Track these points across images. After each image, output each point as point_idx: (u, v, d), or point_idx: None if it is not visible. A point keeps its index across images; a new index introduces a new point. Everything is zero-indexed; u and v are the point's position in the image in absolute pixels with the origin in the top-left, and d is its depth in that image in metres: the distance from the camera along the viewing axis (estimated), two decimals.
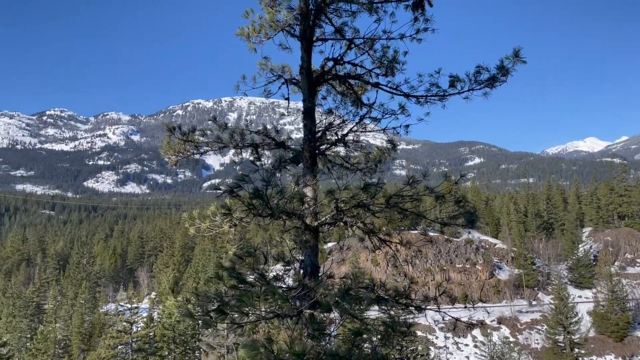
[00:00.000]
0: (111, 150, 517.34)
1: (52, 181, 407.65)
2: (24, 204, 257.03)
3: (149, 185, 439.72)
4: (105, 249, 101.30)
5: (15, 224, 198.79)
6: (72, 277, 75.24)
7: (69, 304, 56.00)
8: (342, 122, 8.82)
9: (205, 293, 7.97)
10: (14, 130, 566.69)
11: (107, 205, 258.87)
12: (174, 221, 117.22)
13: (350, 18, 8.70)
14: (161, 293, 61.07)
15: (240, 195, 6.80)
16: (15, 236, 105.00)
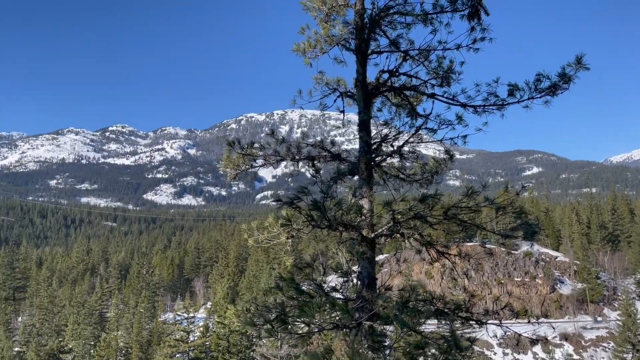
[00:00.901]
0: (169, 164, 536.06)
1: (114, 194, 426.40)
2: (88, 216, 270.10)
3: (204, 197, 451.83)
4: (164, 259, 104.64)
5: (80, 235, 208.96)
6: (133, 286, 78.11)
7: (130, 313, 58.15)
8: (397, 134, 8.82)
9: (264, 303, 8.12)
10: (80, 145, 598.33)
11: (165, 217, 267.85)
12: (228, 232, 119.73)
13: (405, 30, 8.73)
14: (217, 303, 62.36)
15: (299, 207, 6.93)
16: (80, 247, 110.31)
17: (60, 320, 61.74)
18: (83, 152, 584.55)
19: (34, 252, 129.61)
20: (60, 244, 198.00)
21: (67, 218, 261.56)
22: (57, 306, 66.38)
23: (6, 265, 77.94)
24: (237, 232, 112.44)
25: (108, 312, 67.16)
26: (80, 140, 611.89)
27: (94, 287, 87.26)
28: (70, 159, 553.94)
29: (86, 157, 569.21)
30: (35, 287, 78.55)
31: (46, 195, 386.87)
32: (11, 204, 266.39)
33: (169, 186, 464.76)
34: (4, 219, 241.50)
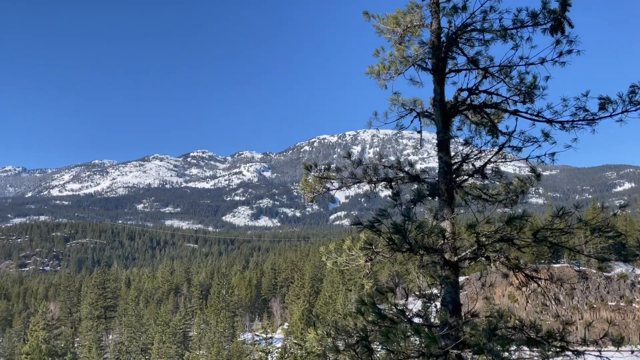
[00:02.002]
0: (246, 187, 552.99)
1: (195, 217, 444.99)
2: (172, 238, 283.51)
3: (279, 219, 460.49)
4: (242, 279, 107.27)
5: (165, 256, 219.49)
6: (214, 306, 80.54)
7: (211, 332, 59.92)
8: (479, 153, 8.55)
9: (344, 327, 8.05)
10: (164, 171, 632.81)
11: (243, 238, 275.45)
12: (303, 253, 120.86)
13: (484, 47, 8.52)
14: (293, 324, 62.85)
15: (380, 230, 6.86)
16: (164, 268, 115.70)
17: (147, 339, 64.71)
18: (167, 177, 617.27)
19: (123, 272, 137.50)
20: (147, 264, 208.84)
21: (153, 240, 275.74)
22: (144, 325, 69.70)
23: (98, 285, 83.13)
24: (312, 252, 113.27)
25: (191, 332, 69.56)
26: (165, 166, 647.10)
27: (178, 306, 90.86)
28: (155, 184, 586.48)
29: (170, 182, 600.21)
30: (124, 306, 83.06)
31: (134, 219, 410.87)
32: (103, 227, 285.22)
33: (246, 208, 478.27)
34: (97, 241, 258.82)
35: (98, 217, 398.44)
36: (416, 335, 5.80)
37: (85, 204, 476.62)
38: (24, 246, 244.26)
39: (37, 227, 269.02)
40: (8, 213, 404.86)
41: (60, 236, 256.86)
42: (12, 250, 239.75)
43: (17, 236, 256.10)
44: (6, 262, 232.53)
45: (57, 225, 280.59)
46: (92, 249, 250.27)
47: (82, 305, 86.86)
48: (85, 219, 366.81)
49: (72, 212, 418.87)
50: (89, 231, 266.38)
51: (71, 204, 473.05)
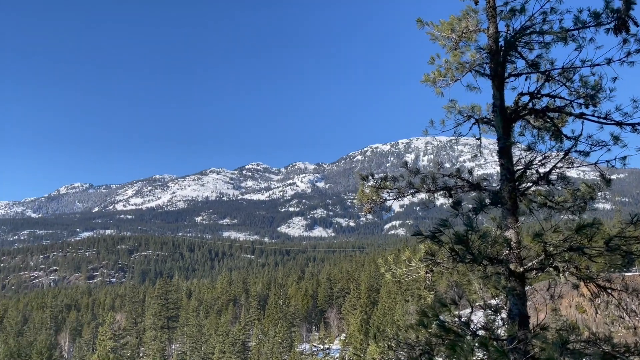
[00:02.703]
0: (300, 198, 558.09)
1: (251, 228, 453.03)
2: (229, 249, 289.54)
3: (334, 229, 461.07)
4: (298, 290, 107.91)
5: (223, 267, 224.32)
6: (271, 316, 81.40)
7: (270, 343, 60.57)
8: (543, 159, 8.25)
9: (406, 340, 7.92)
10: (221, 184, 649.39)
11: (298, 248, 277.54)
12: (358, 263, 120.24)
13: (544, 50, 8.25)
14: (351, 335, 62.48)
15: (441, 240, 6.73)
16: (223, 278, 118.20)
17: (208, 349, 66.18)
18: (224, 189, 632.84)
19: (184, 283, 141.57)
20: (206, 275, 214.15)
21: (212, 251, 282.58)
22: (205, 335, 71.36)
23: (161, 296, 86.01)
24: (368, 263, 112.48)
25: (250, 342, 70.58)
26: (221, 179, 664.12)
27: (237, 316, 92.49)
28: (213, 197, 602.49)
29: (226, 194, 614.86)
30: (186, 316, 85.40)
31: (193, 231, 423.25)
32: (164, 239, 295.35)
33: (301, 219, 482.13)
34: (159, 253, 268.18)
35: (159, 230, 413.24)
36: (483, 348, 5.62)
37: (147, 218, 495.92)
38: (92, 259, 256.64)
39: (104, 241, 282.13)
40: (77, 227, 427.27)
41: (125, 249, 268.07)
42: (81, 262, 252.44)
43: (85, 249, 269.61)
44: (76, 274, 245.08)
45: (122, 238, 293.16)
46: (154, 260, 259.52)
47: (146, 316, 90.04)
48: (148, 232, 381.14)
49: (135, 226, 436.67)
50: (151, 244, 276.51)
51: (134, 218, 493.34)
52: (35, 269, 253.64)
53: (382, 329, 50.94)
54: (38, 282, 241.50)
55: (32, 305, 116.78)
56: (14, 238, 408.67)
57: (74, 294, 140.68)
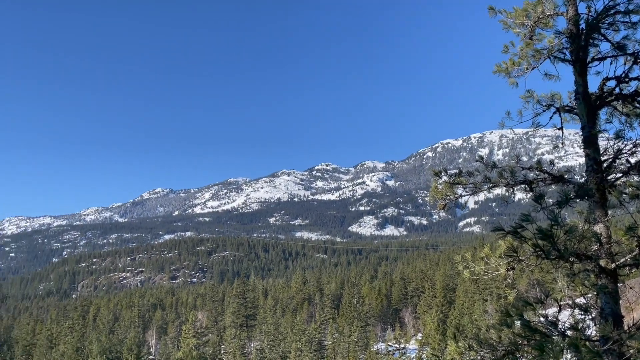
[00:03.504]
0: (370, 197, 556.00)
1: (323, 228, 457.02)
2: (302, 249, 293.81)
3: (405, 227, 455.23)
4: (371, 289, 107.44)
5: (297, 267, 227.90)
6: (346, 315, 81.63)
7: (345, 342, 60.79)
8: (633, 147, 7.67)
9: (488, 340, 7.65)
10: (292, 185, 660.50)
11: (370, 248, 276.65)
12: (432, 262, 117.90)
13: (631, 30, 7.68)
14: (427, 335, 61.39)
15: (523, 236, 6.44)
16: (297, 278, 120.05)
17: (285, 347, 67.45)
18: (295, 191, 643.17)
19: (260, 283, 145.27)
20: (281, 275, 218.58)
21: (285, 251, 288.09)
22: (282, 333, 72.78)
23: (239, 295, 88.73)
24: (442, 261, 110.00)
25: (325, 340, 71.14)
26: (292, 181, 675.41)
27: (312, 315, 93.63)
28: (284, 198, 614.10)
29: (297, 195, 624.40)
30: (263, 315, 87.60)
31: (267, 232, 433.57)
32: (240, 240, 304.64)
33: (371, 218, 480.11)
34: (236, 254, 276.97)
35: (235, 231, 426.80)
36: (573, 349, 5.32)
37: (223, 220, 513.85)
38: (174, 260, 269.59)
39: (184, 243, 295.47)
40: (159, 230, 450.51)
41: (204, 250, 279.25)
42: (165, 264, 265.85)
43: (167, 251, 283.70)
44: (160, 275, 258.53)
45: (201, 240, 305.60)
46: (231, 261, 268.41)
47: (226, 314, 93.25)
48: (225, 233, 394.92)
49: (213, 228, 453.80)
50: (228, 245, 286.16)
51: (212, 220, 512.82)
52: (124, 270, 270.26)
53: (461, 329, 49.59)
54: (126, 282, 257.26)
55: (121, 304, 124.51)
56: (104, 242, 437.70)
57: (158, 293, 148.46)
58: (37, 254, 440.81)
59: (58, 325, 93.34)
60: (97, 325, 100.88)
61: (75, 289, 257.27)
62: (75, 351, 66.12)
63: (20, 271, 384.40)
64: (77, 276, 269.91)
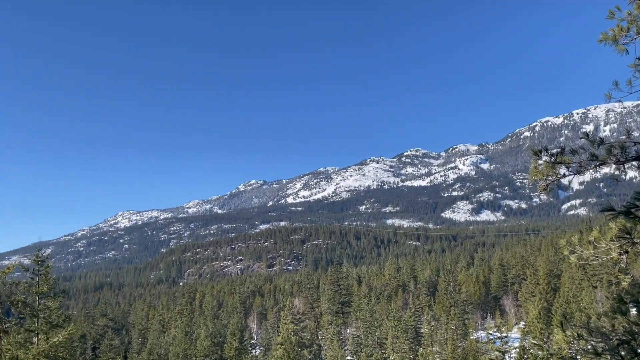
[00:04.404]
0: (463, 181, 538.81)
1: (414, 214, 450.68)
2: (394, 236, 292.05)
3: (503, 212, 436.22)
4: (468, 276, 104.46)
5: (390, 254, 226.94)
6: (442, 303, 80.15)
7: (443, 329, 59.78)
8: None
9: (599, 329, 7.18)
10: (381, 172, 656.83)
11: (465, 234, 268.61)
12: (534, 247, 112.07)
13: None
14: (530, 323, 58.64)
15: (638, 216, 5.93)
16: (390, 265, 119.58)
17: (381, 334, 67.64)
18: (384, 178, 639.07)
19: (353, 270, 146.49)
20: (374, 262, 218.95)
21: (377, 239, 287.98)
22: (377, 320, 73.03)
23: (333, 282, 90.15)
24: (544, 246, 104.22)
25: (422, 328, 70.40)
26: (381, 168, 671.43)
27: (407, 302, 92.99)
28: (374, 186, 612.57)
29: (387, 183, 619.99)
30: (358, 302, 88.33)
31: (357, 220, 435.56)
32: (332, 228, 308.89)
33: (465, 203, 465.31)
34: (328, 242, 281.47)
35: (327, 220, 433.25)
36: None
37: (315, 209, 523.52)
38: (270, 249, 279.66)
39: (279, 232, 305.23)
40: (255, 220, 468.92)
41: (298, 239, 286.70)
42: (261, 252, 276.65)
43: (264, 240, 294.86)
44: (258, 263, 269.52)
45: (294, 229, 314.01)
46: (324, 249, 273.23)
47: (321, 301, 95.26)
48: (317, 222, 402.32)
49: (305, 217, 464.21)
50: (320, 233, 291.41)
51: (304, 210, 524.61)
52: (224, 259, 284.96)
53: (568, 317, 46.83)
54: (227, 270, 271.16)
55: (224, 291, 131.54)
56: (205, 232, 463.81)
57: (257, 281, 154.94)
58: (147, 245, 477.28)
59: (168, 311, 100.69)
60: (203, 311, 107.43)
61: (182, 277, 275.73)
62: (185, 335, 70.99)
63: (133, 261, 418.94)
64: (183, 265, 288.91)
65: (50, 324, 21.46)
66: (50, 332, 21.33)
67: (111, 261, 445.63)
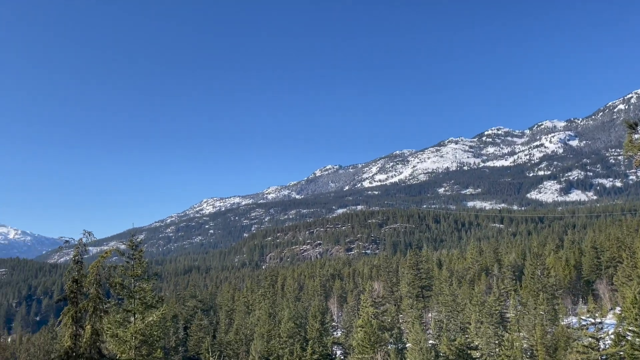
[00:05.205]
0: (550, 160, 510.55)
1: (497, 196, 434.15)
2: (475, 219, 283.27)
3: (595, 191, 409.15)
4: (557, 260, 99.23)
5: (471, 237, 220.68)
6: (529, 287, 76.82)
7: (530, 314, 57.37)
8: None
9: None
10: (460, 153, 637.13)
11: (553, 215, 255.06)
12: (630, 228, 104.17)
13: None
14: (626, 309, 54.82)
15: None
16: (472, 249, 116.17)
17: (464, 318, 66.15)
18: (463, 159, 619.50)
19: (433, 254, 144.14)
20: (454, 246, 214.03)
21: (457, 222, 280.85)
22: (459, 304, 71.47)
23: (413, 266, 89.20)
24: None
25: (507, 313, 68.01)
26: (460, 149, 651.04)
27: (490, 287, 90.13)
28: (453, 167, 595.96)
29: (467, 164, 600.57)
30: (439, 286, 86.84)
31: (436, 203, 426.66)
32: (410, 212, 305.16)
33: (553, 183, 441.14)
34: (406, 225, 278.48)
35: (404, 203, 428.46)
36: None
37: (391, 192, 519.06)
38: (348, 232, 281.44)
39: (356, 216, 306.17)
40: (332, 205, 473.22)
41: (375, 222, 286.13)
42: (339, 236, 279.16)
43: (341, 224, 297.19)
44: (336, 247, 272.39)
45: (371, 213, 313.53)
46: (402, 233, 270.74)
47: (401, 285, 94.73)
48: (394, 205, 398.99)
49: (382, 201, 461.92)
50: (398, 217, 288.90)
51: (380, 194, 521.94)
52: (304, 243, 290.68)
53: None
54: (307, 254, 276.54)
55: (304, 274, 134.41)
56: (284, 217, 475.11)
57: (336, 264, 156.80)
58: (231, 230, 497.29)
59: (252, 293, 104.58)
60: (285, 294, 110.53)
61: (264, 261, 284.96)
62: (269, 316, 73.44)
63: (218, 245, 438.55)
64: (264, 249, 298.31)
65: (145, 304, 22.97)
66: (146, 312, 22.84)
67: (198, 246, 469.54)
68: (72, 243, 14.23)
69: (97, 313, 13.17)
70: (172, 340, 64.89)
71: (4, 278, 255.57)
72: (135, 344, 22.00)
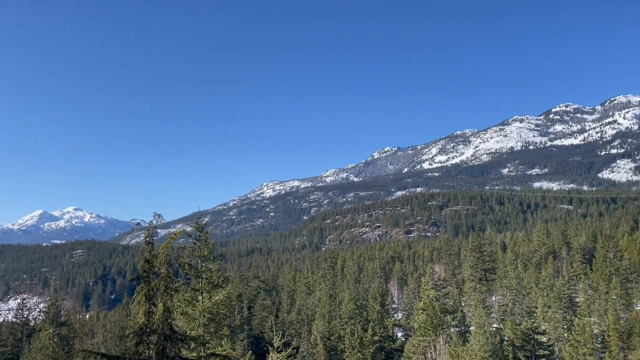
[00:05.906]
0: (624, 137, 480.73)
1: (565, 176, 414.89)
2: (542, 200, 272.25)
3: None
4: (631, 242, 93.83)
5: (538, 219, 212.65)
6: (600, 271, 73.31)
7: (602, 299, 54.80)
8: None
9: None
10: (525, 132, 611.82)
11: (627, 195, 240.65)
12: None
13: None
14: None
15: None
16: (539, 231, 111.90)
17: (530, 302, 64.05)
18: (529, 138, 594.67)
19: (497, 236, 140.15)
20: (519, 228, 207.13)
21: (522, 203, 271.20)
22: (525, 288, 69.25)
23: (475, 249, 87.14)
24: None
25: (577, 297, 65.28)
26: (525, 127, 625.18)
27: (558, 270, 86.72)
28: (517, 147, 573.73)
29: (533, 143, 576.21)
30: (503, 269, 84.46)
31: (500, 184, 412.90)
32: (472, 194, 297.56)
33: (627, 161, 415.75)
34: (468, 207, 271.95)
35: (466, 185, 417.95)
36: None
37: (452, 174, 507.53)
38: (407, 215, 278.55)
39: (415, 198, 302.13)
40: (391, 187, 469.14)
41: (435, 205, 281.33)
42: (399, 219, 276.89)
43: (400, 207, 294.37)
44: (395, 229, 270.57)
45: (432, 195, 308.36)
46: (464, 215, 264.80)
47: (463, 268, 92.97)
48: (455, 187, 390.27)
49: (442, 182, 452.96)
50: (459, 199, 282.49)
51: (440, 175, 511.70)
52: (362, 225, 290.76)
53: None
54: (366, 236, 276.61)
55: (363, 256, 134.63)
56: (343, 200, 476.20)
57: (396, 247, 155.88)
58: (291, 212, 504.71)
59: (313, 275, 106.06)
60: (345, 275, 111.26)
61: (324, 243, 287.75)
62: (329, 297, 74.30)
63: (278, 228, 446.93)
64: (324, 231, 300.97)
65: (212, 284, 23.79)
66: (212, 291, 23.66)
67: (259, 228, 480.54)
68: (143, 225, 14.85)
69: (168, 291, 13.75)
70: (237, 319, 67.07)
71: (82, 259, 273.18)
72: (203, 321, 22.88)
